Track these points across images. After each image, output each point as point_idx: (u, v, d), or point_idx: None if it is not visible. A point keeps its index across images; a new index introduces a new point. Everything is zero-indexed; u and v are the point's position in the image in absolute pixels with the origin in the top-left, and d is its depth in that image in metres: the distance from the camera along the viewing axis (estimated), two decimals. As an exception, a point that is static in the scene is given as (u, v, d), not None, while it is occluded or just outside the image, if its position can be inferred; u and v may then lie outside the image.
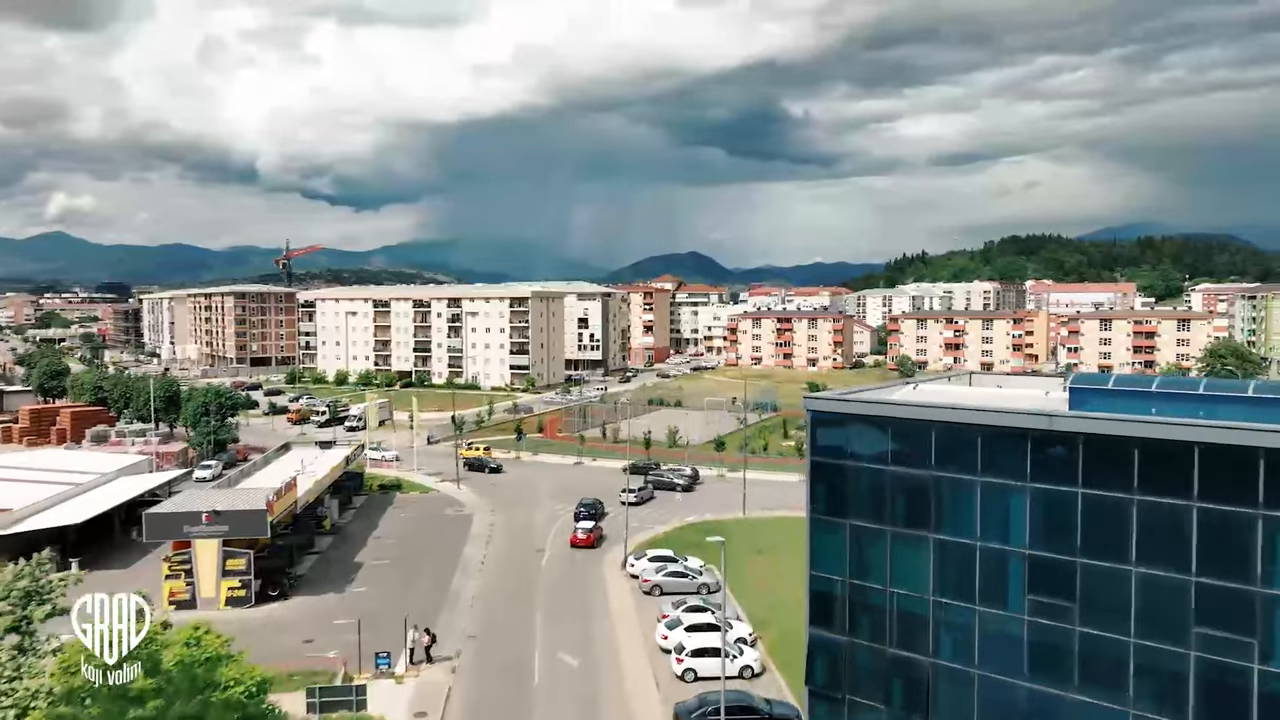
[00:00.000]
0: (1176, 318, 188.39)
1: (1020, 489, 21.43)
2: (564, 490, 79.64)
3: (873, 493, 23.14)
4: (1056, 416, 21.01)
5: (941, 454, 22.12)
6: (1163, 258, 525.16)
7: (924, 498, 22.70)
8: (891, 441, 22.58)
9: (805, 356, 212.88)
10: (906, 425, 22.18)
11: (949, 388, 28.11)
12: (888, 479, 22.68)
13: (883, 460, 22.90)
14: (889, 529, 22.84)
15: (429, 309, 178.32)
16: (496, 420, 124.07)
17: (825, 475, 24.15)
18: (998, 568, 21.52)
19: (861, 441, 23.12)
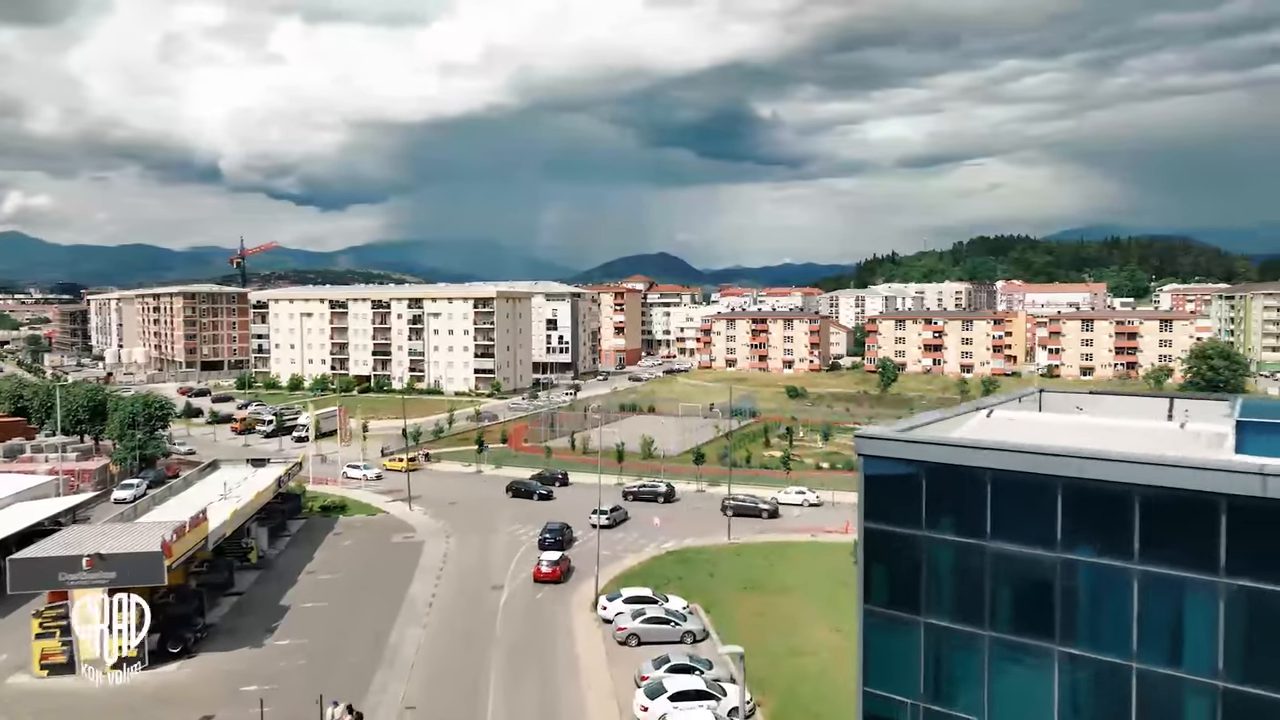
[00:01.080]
0: (1159, 318, 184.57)
1: (1207, 585, 14.07)
2: (527, 510, 71.81)
3: (963, 580, 15.71)
4: (1271, 476, 13.97)
5: (1075, 525, 14.69)
6: (1129, 258, 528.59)
7: (1045, 591, 15.22)
8: (994, 503, 15.27)
9: (781, 358, 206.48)
10: (1018, 481, 14.85)
11: (1031, 416, 20.93)
12: (988, 561, 15.32)
13: (979, 531, 15.46)
14: (988, 634, 15.43)
15: (389, 310, 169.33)
16: (458, 429, 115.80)
17: (886, 550, 16.67)
18: (1168, 704, 14.23)
19: (944, 501, 15.75)
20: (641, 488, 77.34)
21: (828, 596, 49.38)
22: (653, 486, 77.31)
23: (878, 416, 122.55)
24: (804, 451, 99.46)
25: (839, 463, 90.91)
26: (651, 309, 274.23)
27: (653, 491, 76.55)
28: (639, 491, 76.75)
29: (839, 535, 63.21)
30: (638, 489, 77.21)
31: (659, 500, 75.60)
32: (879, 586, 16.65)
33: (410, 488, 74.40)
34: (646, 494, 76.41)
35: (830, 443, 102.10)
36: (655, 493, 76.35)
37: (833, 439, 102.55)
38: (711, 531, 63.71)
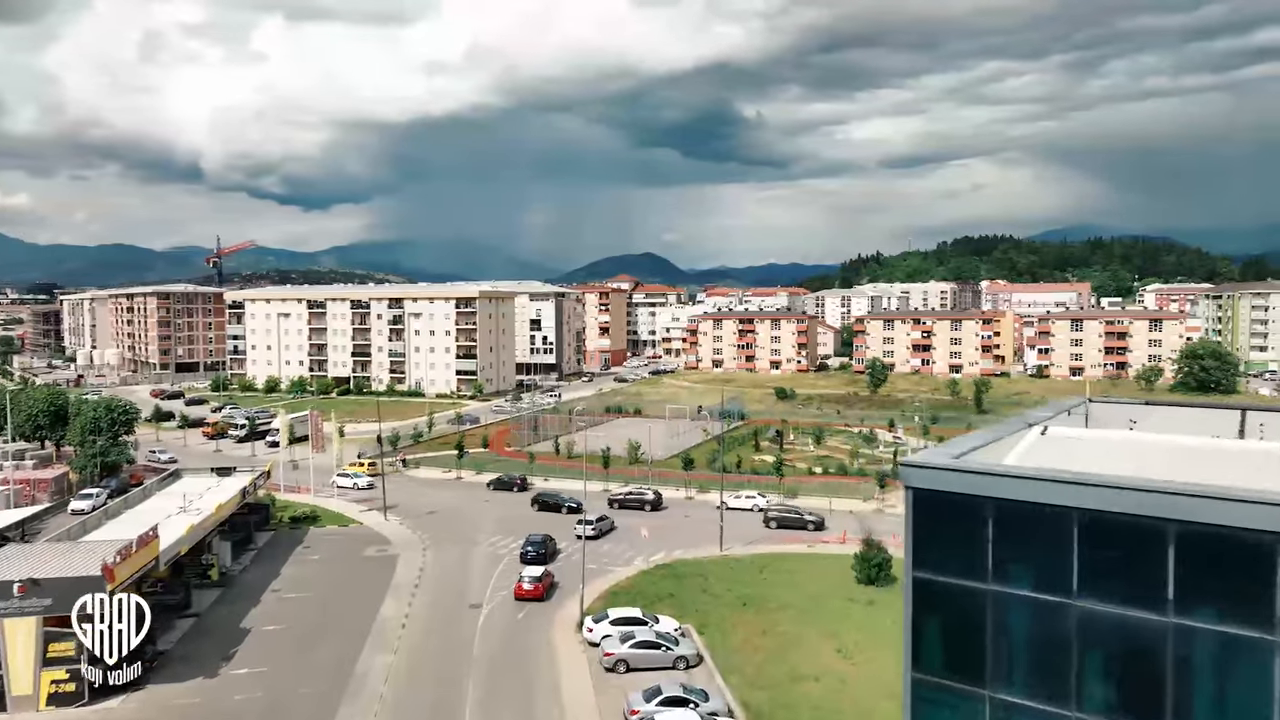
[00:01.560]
0: (1148, 318, 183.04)
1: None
2: (510, 520, 68.41)
3: (1042, 647, 12.28)
4: None
5: (1194, 582, 11.46)
6: (1112, 258, 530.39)
7: (1154, 661, 11.95)
8: (1083, 551, 12.13)
9: (768, 358, 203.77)
10: (1117, 524, 11.67)
11: (1098, 435, 17.71)
12: (1075, 623, 12.18)
13: (1062, 586, 12.17)
14: (1075, 716, 12.33)
15: (368, 310, 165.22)
16: (438, 433, 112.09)
17: (941, 605, 13.34)
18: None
19: (1017, 547, 12.62)
20: (628, 495, 74.19)
21: (830, 614, 46.38)
22: (639, 494, 74.18)
23: (869, 418, 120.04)
24: (795, 455, 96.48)
25: (831, 466, 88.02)
26: (637, 309, 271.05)
27: (639, 499, 73.44)
28: (625, 499, 73.63)
29: (836, 546, 60.24)
30: (624, 496, 74.06)
31: (646, 508, 72.47)
32: (931, 650, 13.36)
33: (385, 496, 70.78)
34: (633, 502, 73.30)
35: (821, 446, 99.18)
36: (642, 500, 73.23)
37: (824, 442, 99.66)
38: (702, 542, 60.52)
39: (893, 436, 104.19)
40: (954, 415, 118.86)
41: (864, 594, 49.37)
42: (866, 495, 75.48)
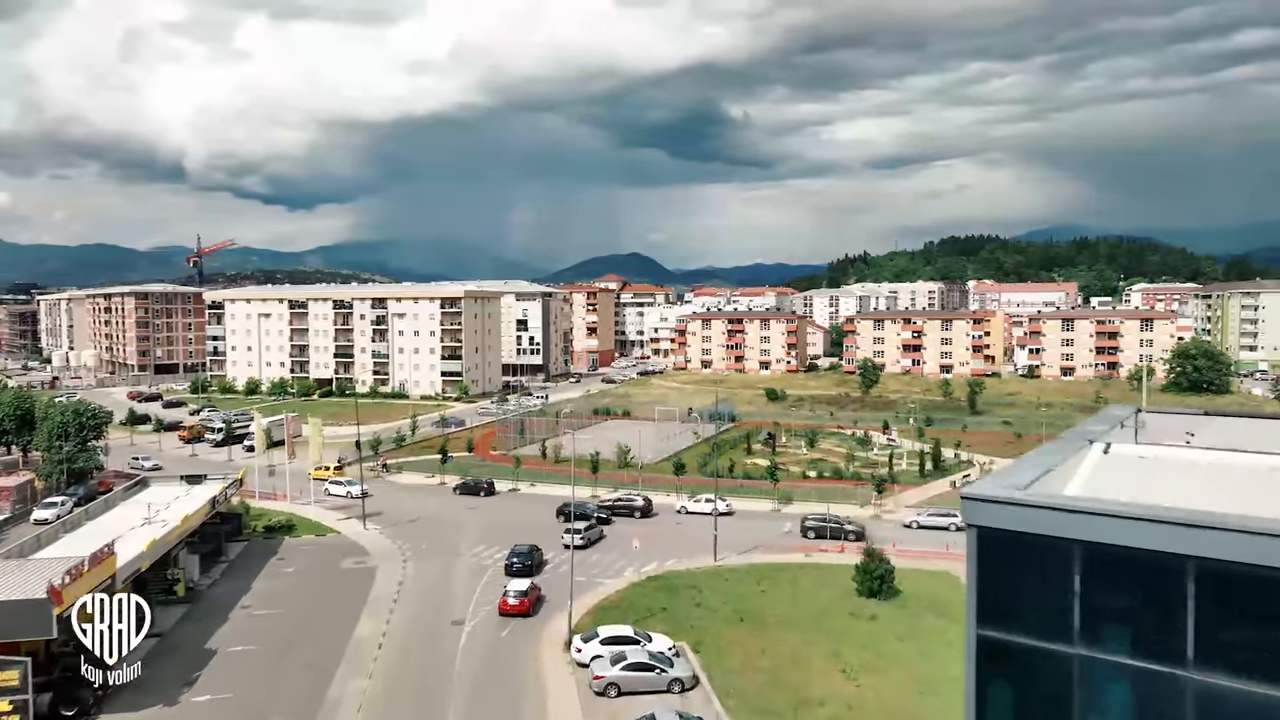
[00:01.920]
0: (1139, 317, 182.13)
1: None
2: (495, 528, 65.78)
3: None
4: None
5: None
6: (1098, 258, 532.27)
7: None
8: (1200, 612, 9.60)
9: (758, 359, 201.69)
10: (1241, 577, 9.17)
11: (1183, 456, 15.29)
12: (1190, 699, 9.66)
13: (1173, 653, 9.05)
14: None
15: (351, 310, 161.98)
16: (422, 435, 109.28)
17: (1014, 672, 10.52)
18: None
19: (1115, 604, 10.14)
20: (617, 502, 71.71)
21: (832, 631, 44.00)
22: (629, 500, 71.68)
23: (862, 420, 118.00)
24: (788, 458, 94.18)
25: (825, 470, 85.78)
26: (625, 309, 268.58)
27: (629, 506, 70.97)
28: (614, 506, 71.15)
29: (835, 555, 57.93)
30: (613, 503, 71.59)
31: (636, 515, 70.01)
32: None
33: (365, 504, 67.97)
34: (622, 508, 70.80)
35: (815, 449, 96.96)
36: (631, 507, 70.76)
37: (817, 445, 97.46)
38: (695, 552, 58.04)
39: (886, 439, 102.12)
40: (948, 417, 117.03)
41: (866, 608, 47.05)
42: (863, 500, 73.26)
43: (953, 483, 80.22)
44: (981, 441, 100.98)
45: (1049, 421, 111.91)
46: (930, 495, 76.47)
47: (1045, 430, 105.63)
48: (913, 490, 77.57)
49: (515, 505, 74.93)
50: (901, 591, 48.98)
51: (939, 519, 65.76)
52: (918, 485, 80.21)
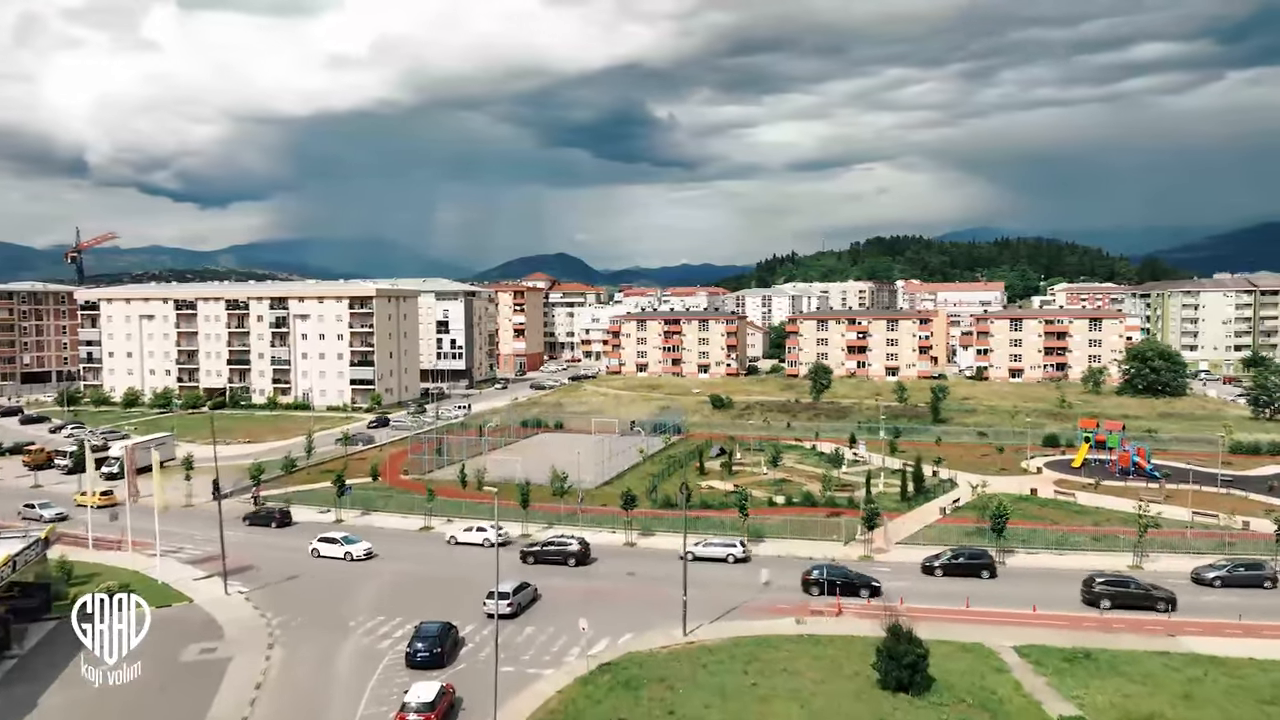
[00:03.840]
0: (1088, 316, 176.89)
1: None
2: (400, 587, 51.89)
3: None
4: None
5: None
6: (1019, 258, 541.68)
7: None
8: None
9: (696, 362, 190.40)
10: None
11: None
12: None
13: None
14: None
15: (247, 311, 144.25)
16: (322, 456, 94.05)
17: None
18: None
19: None
20: (545, 546, 58.32)
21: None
22: (560, 544, 58.30)
23: (823, 430, 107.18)
24: (747, 478, 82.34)
25: (795, 495, 73.95)
26: (554, 309, 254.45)
27: (561, 551, 57.66)
28: (542, 552, 57.79)
29: (831, 621, 45.86)
30: (540, 548, 58.19)
31: (569, 562, 56.80)
32: None
33: (226, 559, 52.90)
34: (553, 554, 57.53)
35: (779, 467, 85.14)
36: (564, 553, 57.47)
37: (780, 462, 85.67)
38: (656, 618, 45.34)
39: (853, 453, 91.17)
40: (913, 427, 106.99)
41: (895, 710, 35.01)
42: (847, 535, 61.62)
43: (942, 510, 69.30)
44: (956, 455, 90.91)
45: (1023, 432, 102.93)
46: (919, 526, 65.30)
47: (1029, 441, 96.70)
48: (899, 520, 66.28)
49: (428, 552, 60.88)
50: (936, 679, 37.12)
51: (952, 561, 54.40)
52: (901, 512, 69.03)
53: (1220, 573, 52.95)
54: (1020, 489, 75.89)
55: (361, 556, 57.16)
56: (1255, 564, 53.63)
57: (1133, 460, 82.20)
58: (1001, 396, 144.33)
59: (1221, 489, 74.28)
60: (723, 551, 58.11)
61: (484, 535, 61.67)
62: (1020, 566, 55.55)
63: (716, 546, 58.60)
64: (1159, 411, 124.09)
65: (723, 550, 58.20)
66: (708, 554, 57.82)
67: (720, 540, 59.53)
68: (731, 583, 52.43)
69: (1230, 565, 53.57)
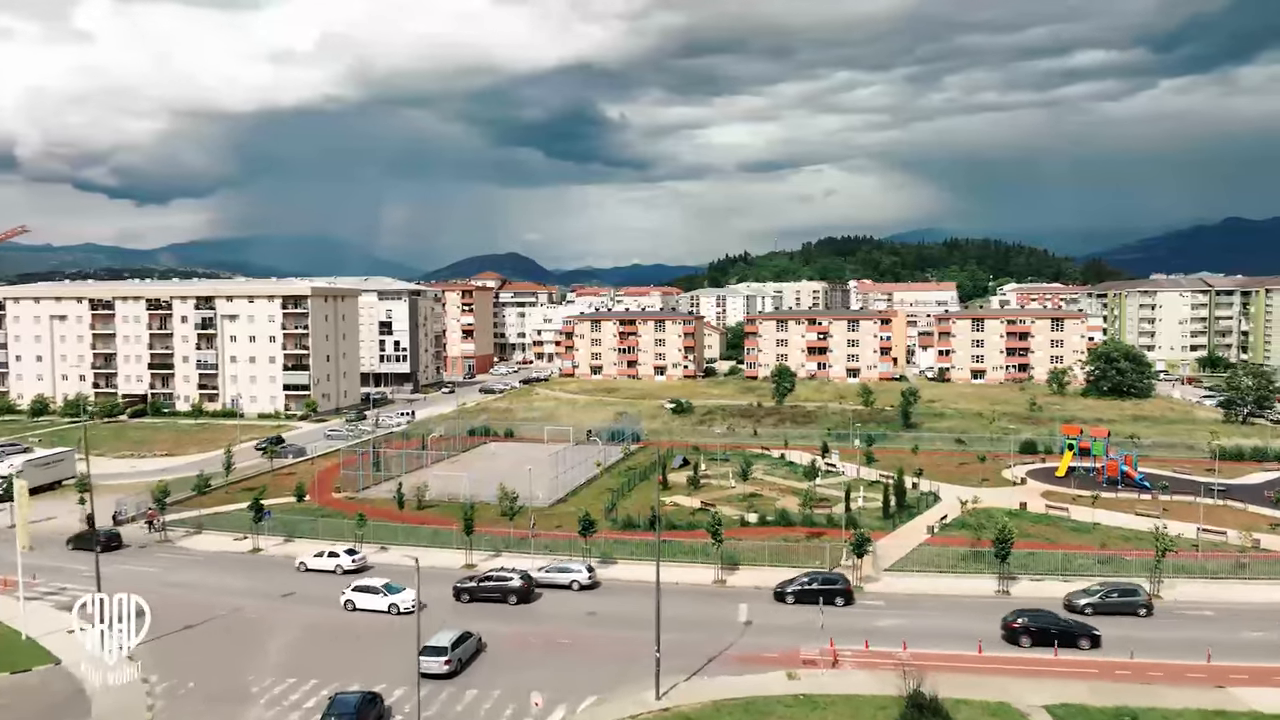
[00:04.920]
0: (1049, 316, 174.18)
1: None
2: (317, 639, 44.01)
3: None
4: None
5: None
6: (968, 259, 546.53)
7: None
8: None
9: (652, 364, 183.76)
10: None
11: None
12: None
13: None
14: None
15: (170, 311, 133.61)
16: (247, 469, 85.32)
17: None
18: None
19: None
20: (482, 582, 50.65)
21: None
22: (501, 580, 50.60)
23: (790, 437, 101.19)
24: (715, 493, 75.75)
25: (769, 513, 67.45)
26: (504, 309, 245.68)
27: (500, 588, 50.09)
28: (479, 588, 50.21)
29: (828, 673, 39.28)
30: (476, 584, 50.53)
31: (510, 600, 49.44)
32: None
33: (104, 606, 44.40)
34: (490, 591, 49.97)
35: (749, 480, 78.52)
36: (504, 589, 49.95)
37: (750, 475, 79.06)
38: (623, 675, 38.30)
39: (826, 464, 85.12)
40: (885, 433, 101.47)
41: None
42: (832, 559, 55.24)
43: (929, 528, 63.36)
44: (933, 464, 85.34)
45: (998, 438, 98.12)
46: (907, 547, 59.24)
47: (1007, 448, 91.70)
48: (883, 540, 60.09)
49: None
50: (967, 755, 30.67)
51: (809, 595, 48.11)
52: (885, 531, 62.96)
53: (1093, 599, 47.49)
54: (1008, 502, 70.42)
55: (409, 608, 47.43)
56: (1129, 589, 48.15)
57: (1121, 469, 77.46)
58: (967, 399, 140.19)
59: (1219, 500, 69.65)
60: (565, 578, 51.78)
61: (336, 561, 54.89)
62: (1026, 596, 49.65)
63: (555, 572, 52.43)
64: (1130, 414, 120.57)
65: (565, 577, 51.90)
66: (548, 580, 51.73)
67: (557, 566, 53.48)
68: (704, 621, 45.62)
69: (1104, 590, 47.99)
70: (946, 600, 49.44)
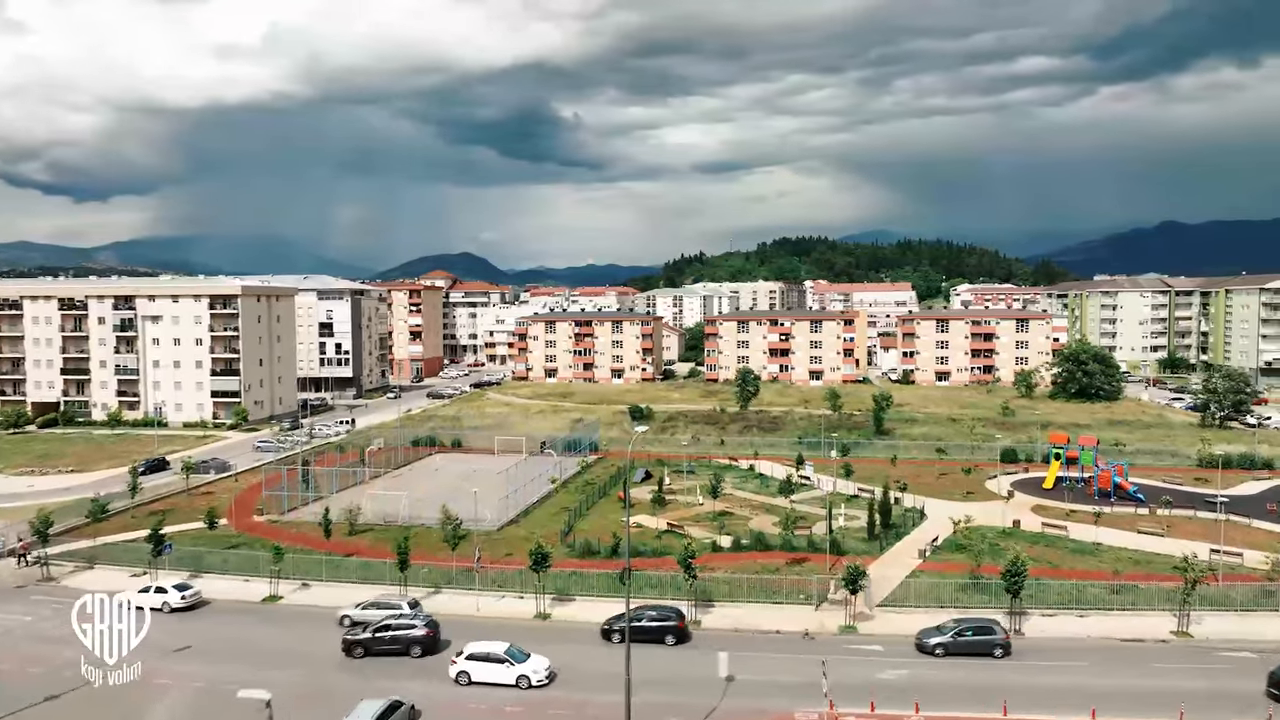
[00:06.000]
0: (1014, 317, 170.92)
1: None
2: (207, 709, 36.16)
3: None
4: None
5: None
6: (921, 259, 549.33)
7: None
8: None
9: (609, 366, 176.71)
10: None
11: None
12: None
13: None
14: None
15: (86, 312, 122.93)
16: (159, 487, 76.42)
17: None
18: None
19: None
20: (378, 632, 42.46)
21: None
22: (401, 626, 42.54)
23: (759, 446, 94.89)
24: (681, 512, 69.03)
25: (743, 537, 60.80)
26: (455, 309, 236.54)
27: (400, 638, 42.09)
28: (374, 640, 42.20)
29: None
30: (371, 635, 42.39)
31: (414, 652, 41.86)
32: None
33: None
34: (385, 644, 42.06)
35: (721, 498, 71.70)
36: (407, 639, 42.13)
37: (721, 491, 72.27)
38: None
39: (800, 476, 78.89)
40: (858, 441, 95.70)
41: None
42: (820, 597, 48.77)
43: (921, 552, 57.31)
44: (912, 475, 79.59)
45: (976, 446, 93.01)
46: (898, 574, 53.05)
47: (986, 457, 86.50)
48: (871, 566, 53.68)
49: (264, 634, 45.09)
50: None
51: (958, 637, 42.02)
52: (872, 556, 56.76)
53: (944, 638, 41.87)
54: (998, 519, 64.75)
55: (543, 680, 38.69)
56: (984, 626, 42.36)
57: (1113, 481, 72.47)
58: (935, 402, 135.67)
59: (1222, 515, 64.82)
60: (378, 615, 44.94)
61: (163, 598, 48.34)
62: (1040, 638, 43.71)
63: (374, 609, 45.81)
64: (1104, 418, 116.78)
65: (379, 614, 45.06)
66: (364, 618, 45.08)
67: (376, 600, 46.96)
68: (676, 678, 38.87)
69: (956, 628, 42.35)
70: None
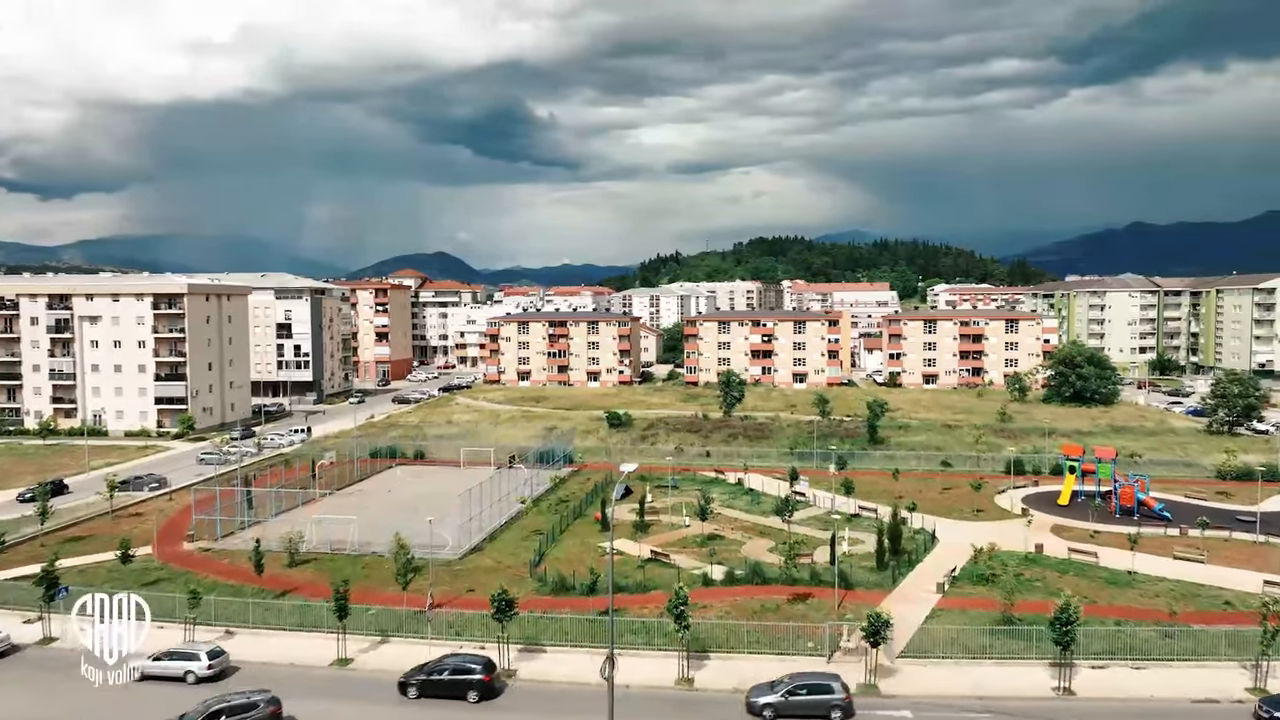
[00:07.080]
0: (1004, 318, 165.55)
1: None
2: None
3: None
4: None
5: None
6: (898, 260, 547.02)
7: None
8: None
9: (585, 369, 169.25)
10: None
11: None
12: None
13: None
14: None
15: (17, 311, 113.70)
16: (84, 506, 68.06)
17: None
18: None
19: None
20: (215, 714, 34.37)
21: None
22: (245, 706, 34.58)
23: (746, 458, 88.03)
24: (667, 534, 61.96)
25: (737, 567, 53.71)
26: (425, 309, 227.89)
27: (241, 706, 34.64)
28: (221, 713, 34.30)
29: None
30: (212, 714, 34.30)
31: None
32: None
33: None
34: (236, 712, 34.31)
35: (710, 518, 64.51)
36: (244, 705, 34.72)
37: (711, 512, 65.12)
38: None
39: (794, 492, 72.03)
40: (854, 452, 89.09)
41: None
42: (830, 643, 41.84)
43: (939, 585, 50.53)
44: (914, 490, 73.05)
45: (978, 456, 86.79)
46: (917, 613, 46.23)
47: (990, 468, 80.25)
48: (886, 603, 46.76)
49: (166, 704, 37.36)
50: None
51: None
52: (884, 590, 49.98)
53: (774, 697, 35.91)
54: (1017, 542, 58.24)
55: None
56: (820, 685, 36.55)
57: (1137, 497, 66.29)
58: (926, 406, 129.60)
59: (1261, 536, 58.74)
60: (179, 668, 39.45)
61: None
62: (1096, 699, 37.04)
63: (170, 661, 39.96)
64: (1105, 424, 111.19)
65: (179, 666, 39.58)
66: (158, 671, 39.27)
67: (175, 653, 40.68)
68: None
69: (790, 685, 36.43)
70: (991, 703, 36.46)
